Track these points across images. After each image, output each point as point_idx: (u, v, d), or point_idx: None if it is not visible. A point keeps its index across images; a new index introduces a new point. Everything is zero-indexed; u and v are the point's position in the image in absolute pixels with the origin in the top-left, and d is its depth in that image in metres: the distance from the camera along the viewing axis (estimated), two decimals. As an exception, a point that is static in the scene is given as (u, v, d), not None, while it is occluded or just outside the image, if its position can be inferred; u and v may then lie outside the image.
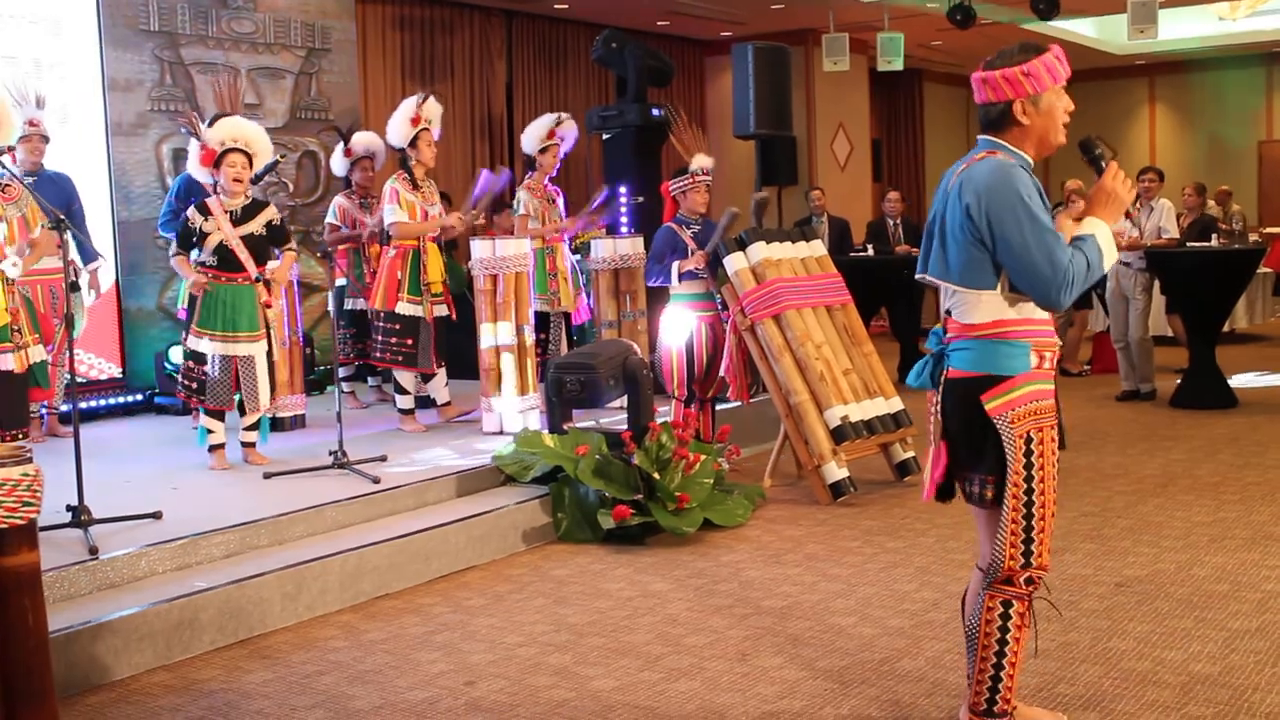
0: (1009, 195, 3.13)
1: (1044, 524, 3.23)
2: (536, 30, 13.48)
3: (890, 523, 6.20)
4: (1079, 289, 3.15)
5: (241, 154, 6.19)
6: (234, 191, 6.20)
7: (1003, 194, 3.13)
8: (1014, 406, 3.21)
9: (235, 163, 6.17)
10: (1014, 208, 3.12)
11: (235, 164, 6.17)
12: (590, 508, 6.03)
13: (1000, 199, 3.13)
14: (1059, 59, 3.23)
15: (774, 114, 10.45)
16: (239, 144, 6.20)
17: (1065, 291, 3.12)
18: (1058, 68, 3.21)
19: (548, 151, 8.11)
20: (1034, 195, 3.15)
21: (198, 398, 6.27)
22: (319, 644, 4.66)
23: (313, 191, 9.65)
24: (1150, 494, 6.60)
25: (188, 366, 6.28)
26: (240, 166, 6.19)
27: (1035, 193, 3.16)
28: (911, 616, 4.73)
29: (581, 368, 6.56)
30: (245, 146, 6.22)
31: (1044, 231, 3.11)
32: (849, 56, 13.91)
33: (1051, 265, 3.10)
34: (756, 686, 4.09)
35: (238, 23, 9.11)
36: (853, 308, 7.32)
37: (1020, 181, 3.15)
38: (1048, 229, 3.12)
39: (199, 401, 6.31)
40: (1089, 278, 3.16)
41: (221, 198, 6.22)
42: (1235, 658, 4.17)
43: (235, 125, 6.28)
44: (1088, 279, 3.16)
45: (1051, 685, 3.97)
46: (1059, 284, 3.11)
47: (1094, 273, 3.17)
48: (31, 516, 3.26)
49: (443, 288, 7.34)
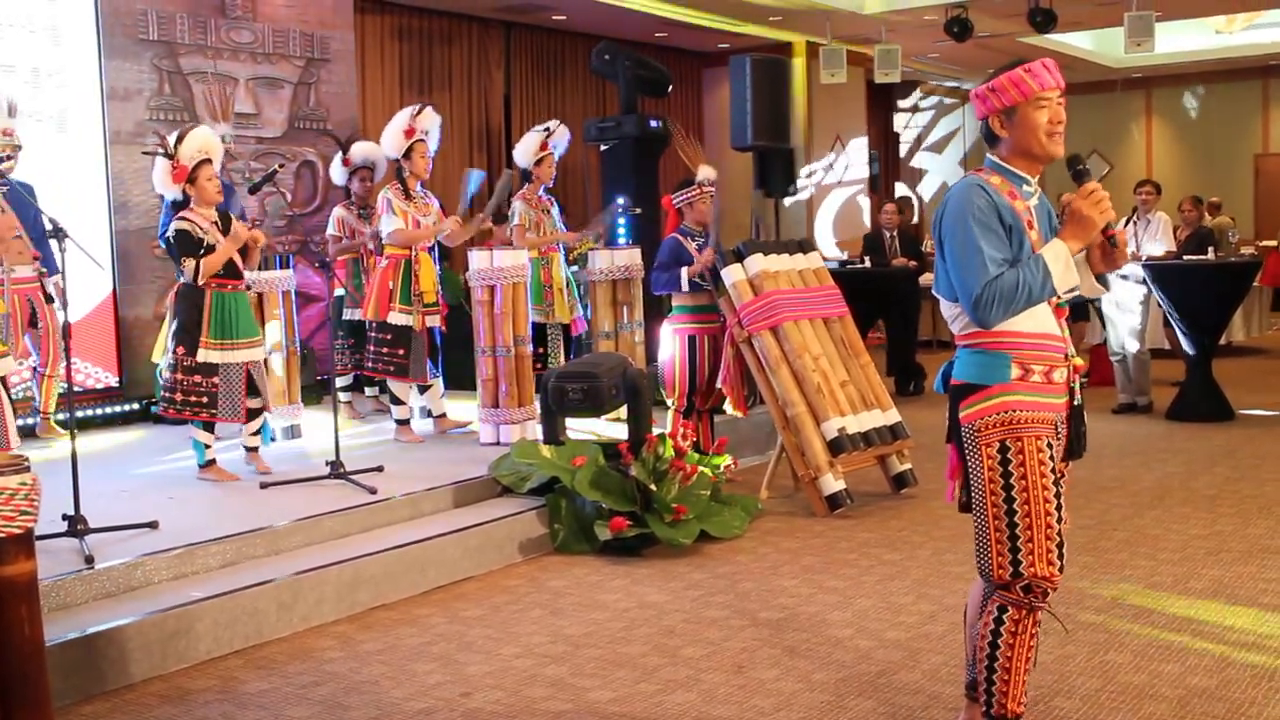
0: (959, 211, 3.22)
1: (1033, 534, 3.23)
2: (534, 41, 13.51)
3: (887, 535, 6.20)
4: (1005, 307, 3.14)
5: (209, 164, 6.17)
6: (212, 201, 6.19)
7: (954, 210, 3.24)
8: (983, 415, 3.25)
9: (211, 174, 6.15)
10: (957, 223, 3.21)
11: (213, 175, 6.16)
12: (587, 519, 6.02)
13: (951, 215, 3.24)
14: (1031, 73, 3.22)
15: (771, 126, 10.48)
16: (206, 154, 6.17)
17: (984, 308, 3.15)
18: (1027, 81, 3.21)
19: (542, 163, 8.13)
20: (981, 212, 3.18)
21: (208, 412, 6.13)
22: (315, 654, 4.65)
23: (311, 201, 9.66)
24: (1147, 507, 6.60)
25: (193, 381, 6.10)
26: (214, 175, 6.17)
27: (989, 209, 3.19)
28: (908, 629, 4.73)
29: (584, 376, 6.56)
30: (211, 155, 6.19)
31: (975, 244, 3.16)
32: (846, 69, 13.94)
33: (974, 278, 3.16)
34: (753, 698, 4.08)
35: (236, 32, 9.12)
36: (850, 320, 7.33)
37: (969, 198, 3.21)
38: (981, 243, 3.16)
39: (209, 416, 6.16)
40: (1020, 297, 3.14)
41: (199, 209, 6.15)
42: (1231, 671, 4.17)
43: (205, 136, 6.23)
44: (1018, 298, 3.14)
45: (1048, 698, 3.97)
46: (977, 299, 3.15)
47: (1031, 293, 3.14)
48: (28, 525, 3.25)
49: (436, 297, 7.34)
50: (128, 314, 8.51)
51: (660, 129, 10.56)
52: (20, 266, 6.97)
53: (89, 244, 7.56)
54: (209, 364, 6.12)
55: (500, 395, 7.06)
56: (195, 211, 6.13)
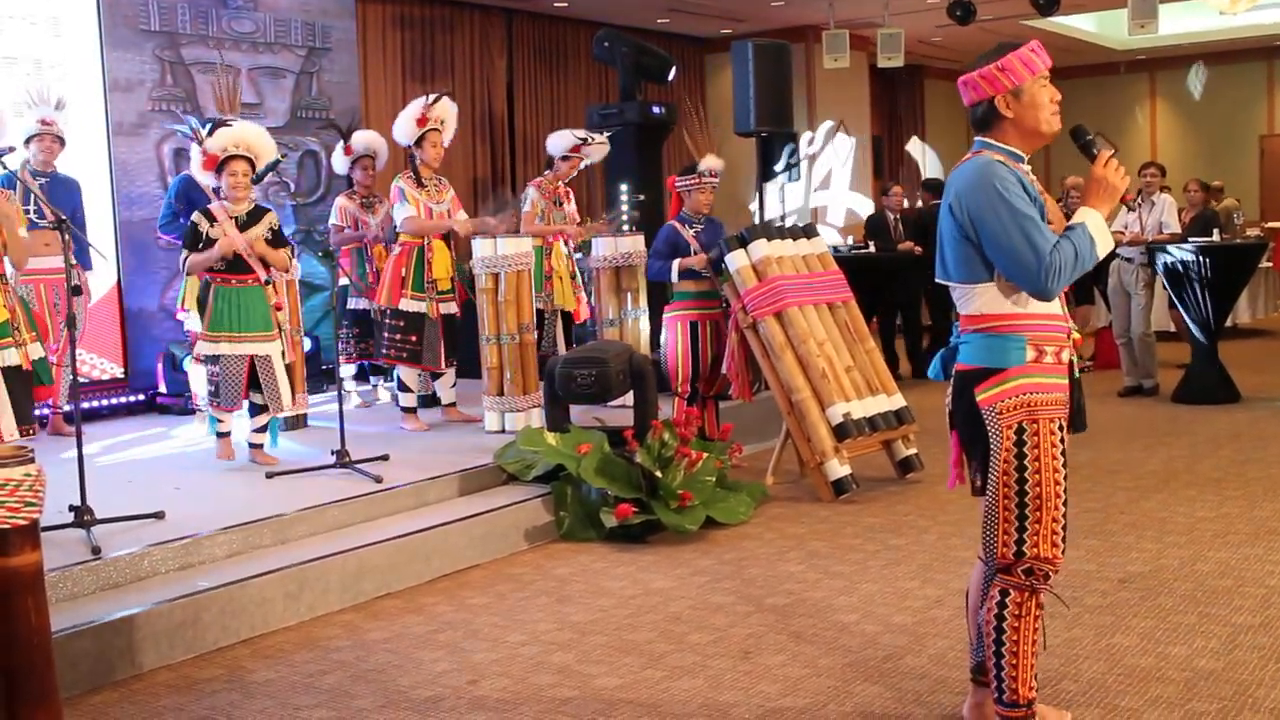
0: (986, 189, 3.19)
1: (1041, 515, 3.25)
2: (537, 29, 13.48)
3: (893, 520, 6.20)
4: (1067, 276, 3.17)
5: (244, 160, 6.17)
6: (237, 198, 6.20)
7: (980, 189, 3.20)
8: (1003, 398, 3.25)
9: (237, 170, 6.15)
10: (991, 201, 3.18)
11: (237, 171, 6.15)
12: (592, 506, 6.02)
13: (978, 194, 3.20)
14: (1034, 51, 3.27)
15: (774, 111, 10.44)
16: (240, 150, 6.18)
17: (1052, 279, 3.14)
18: (1034, 59, 3.25)
19: (569, 160, 8.13)
20: (1013, 187, 3.19)
21: (212, 400, 6.27)
22: (321, 643, 4.66)
23: (314, 191, 9.65)
24: (1153, 489, 6.60)
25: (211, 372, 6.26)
26: (242, 174, 6.16)
27: (1016, 185, 3.20)
28: (914, 614, 4.73)
29: (593, 362, 6.54)
30: (247, 152, 6.20)
31: (1023, 219, 3.15)
32: (849, 53, 13.90)
33: (1034, 252, 3.13)
34: (759, 684, 4.09)
35: (238, 22, 9.11)
36: (854, 304, 7.32)
37: (996, 175, 3.20)
38: (1027, 217, 3.15)
39: (213, 405, 6.30)
40: (1078, 266, 3.17)
41: (225, 204, 6.22)
42: (1239, 653, 4.17)
43: (238, 132, 6.25)
44: (1076, 267, 3.17)
45: (1055, 681, 3.97)
46: (1043, 271, 3.13)
47: (1083, 261, 3.18)
48: (34, 517, 3.26)
49: (451, 284, 7.33)
50: (132, 305, 8.51)
51: (663, 115, 10.53)
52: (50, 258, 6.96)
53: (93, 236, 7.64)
54: (210, 355, 6.21)
55: (505, 383, 7.06)
56: (221, 206, 6.20)
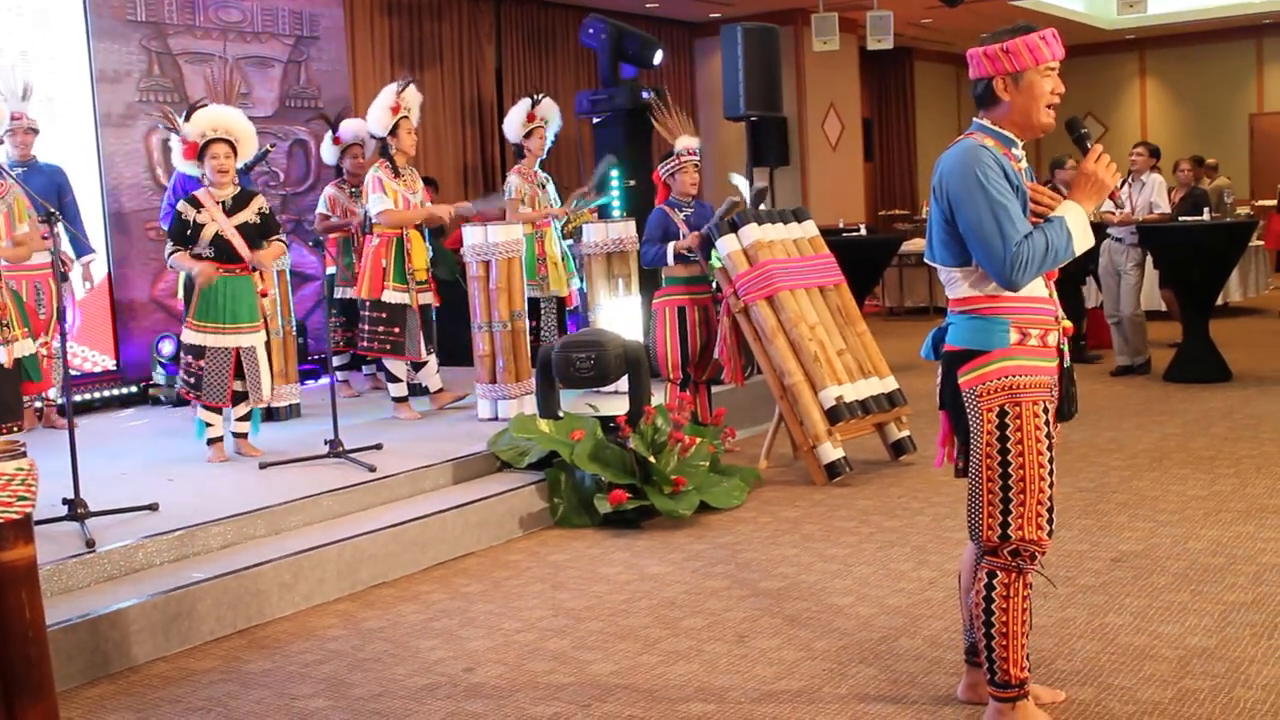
0: (968, 174, 3.19)
1: (1025, 498, 3.26)
2: (525, 15, 13.44)
3: (886, 502, 6.21)
4: (1034, 269, 3.16)
5: (224, 143, 6.10)
6: (221, 182, 6.14)
7: (962, 173, 3.20)
8: (984, 381, 3.27)
9: (218, 153, 6.08)
10: (969, 186, 3.18)
11: (219, 154, 6.08)
12: (586, 492, 6.03)
13: (960, 178, 3.20)
14: (1045, 40, 3.24)
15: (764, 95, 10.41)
16: (219, 133, 6.11)
17: (1017, 270, 3.14)
18: (1042, 48, 3.23)
19: (532, 136, 8.11)
20: (994, 174, 3.17)
21: (194, 393, 6.18)
22: (318, 633, 4.66)
23: (303, 180, 9.63)
24: (1145, 468, 6.62)
25: (186, 361, 6.18)
26: (224, 156, 6.09)
27: (997, 172, 3.18)
28: (909, 595, 4.75)
29: (591, 345, 6.52)
30: (227, 134, 6.12)
31: (998, 207, 3.14)
32: (838, 36, 13.88)
33: (1002, 241, 3.13)
34: (755, 668, 4.10)
35: (225, 11, 9.07)
36: (846, 288, 7.32)
37: (979, 161, 3.19)
38: (1002, 205, 3.15)
39: (195, 398, 6.21)
40: (1048, 259, 3.16)
41: (211, 189, 6.18)
42: (1231, 630, 4.18)
43: (214, 115, 6.16)
44: (1046, 260, 3.16)
45: (1049, 661, 3.98)
46: (1009, 260, 3.13)
47: (1056, 255, 3.17)
48: (27, 511, 3.25)
49: (427, 275, 7.32)
50: (122, 296, 8.50)
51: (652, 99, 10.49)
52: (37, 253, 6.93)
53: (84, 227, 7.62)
54: (195, 345, 6.14)
55: (497, 370, 7.06)
56: (207, 191, 6.14)
